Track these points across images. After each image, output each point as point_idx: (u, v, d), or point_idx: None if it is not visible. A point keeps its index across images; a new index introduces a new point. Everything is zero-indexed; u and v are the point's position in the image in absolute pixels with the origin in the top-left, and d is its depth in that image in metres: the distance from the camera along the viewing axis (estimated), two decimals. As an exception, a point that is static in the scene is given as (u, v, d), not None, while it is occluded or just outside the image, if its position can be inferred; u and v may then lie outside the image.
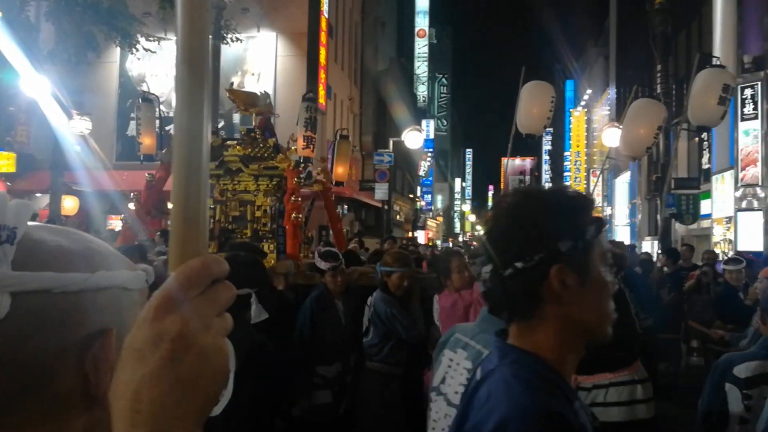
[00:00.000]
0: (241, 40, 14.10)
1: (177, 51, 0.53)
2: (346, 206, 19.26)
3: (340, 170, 6.29)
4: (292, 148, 5.23)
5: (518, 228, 0.97)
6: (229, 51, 15.42)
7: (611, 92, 29.77)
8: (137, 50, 13.19)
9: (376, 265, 4.00)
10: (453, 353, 1.69)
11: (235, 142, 5.10)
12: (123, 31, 12.43)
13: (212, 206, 5.14)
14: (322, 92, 16.78)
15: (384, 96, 25.17)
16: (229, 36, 13.32)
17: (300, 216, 4.75)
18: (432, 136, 38.12)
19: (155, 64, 16.85)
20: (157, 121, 5.75)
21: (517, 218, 0.98)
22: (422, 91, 40.81)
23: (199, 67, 0.53)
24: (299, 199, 4.88)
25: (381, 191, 17.92)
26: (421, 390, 3.71)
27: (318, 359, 3.67)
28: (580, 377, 3.58)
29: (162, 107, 5.87)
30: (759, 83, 13.92)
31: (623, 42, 27.78)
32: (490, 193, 72.28)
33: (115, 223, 14.40)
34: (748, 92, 13.91)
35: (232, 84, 6.39)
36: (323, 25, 16.88)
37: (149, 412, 0.47)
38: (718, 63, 7.15)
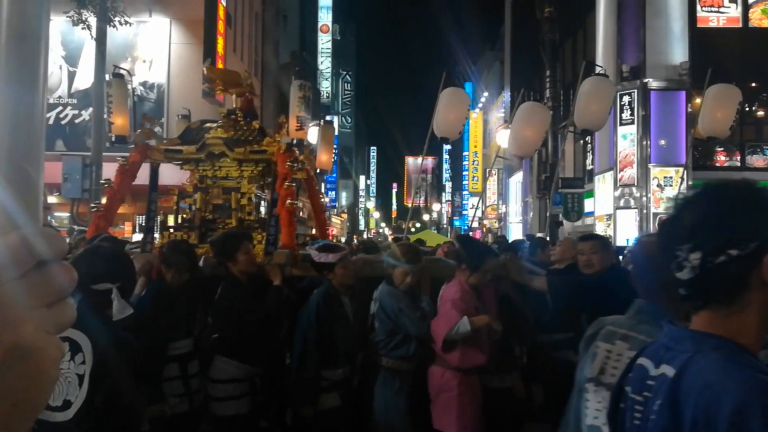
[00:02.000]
0: (130, 24, 13.25)
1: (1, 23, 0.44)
2: (245, 202, 18.74)
3: (324, 158, 5.69)
4: (282, 130, 4.73)
5: (734, 217, 1.00)
6: (117, 35, 14.45)
7: (506, 95, 31.17)
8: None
9: (384, 256, 3.79)
10: (610, 345, 1.72)
11: (215, 124, 4.64)
12: None
13: (190, 194, 4.65)
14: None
15: (286, 90, 24.72)
16: (117, 19, 12.47)
17: (295, 202, 4.35)
18: (336, 133, 37.98)
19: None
20: (130, 100, 5.16)
21: (732, 207, 1.01)
22: (326, 87, 40.61)
23: (33, 41, 0.46)
24: (293, 184, 4.42)
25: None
26: (425, 385, 3.60)
27: (326, 362, 3.38)
28: None
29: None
30: (635, 91, 15.11)
31: (517, 48, 29.17)
32: (394, 191, 73.44)
33: None
34: (626, 99, 15.06)
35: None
36: (221, 13, 16.28)
37: None
38: (602, 72, 7.66)
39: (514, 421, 3.87)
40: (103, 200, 4.83)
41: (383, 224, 70.41)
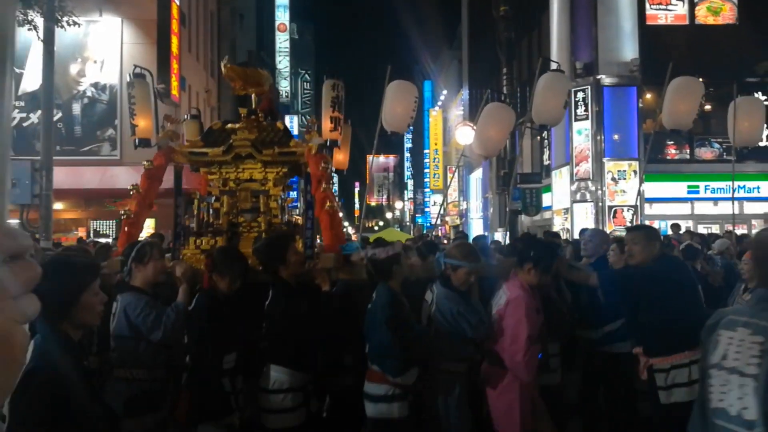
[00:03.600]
0: (79, 24, 12.84)
1: None
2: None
3: (340, 157, 5.34)
4: (312, 131, 4.51)
5: None
6: (66, 36, 14.00)
7: (464, 93, 31.51)
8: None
9: (437, 257, 3.62)
10: (732, 332, 1.82)
11: (238, 125, 4.37)
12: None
13: (215, 198, 4.39)
14: (175, 83, 15.87)
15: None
16: (65, 19, 12.07)
17: (334, 205, 4.16)
18: (296, 132, 37.75)
19: None
20: (153, 100, 4.81)
21: None
22: (285, 86, 40.27)
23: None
24: (329, 186, 4.28)
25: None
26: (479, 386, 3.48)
27: (400, 368, 3.23)
28: (656, 359, 3.51)
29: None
30: (589, 87, 15.49)
31: (474, 47, 29.51)
32: (356, 190, 73.25)
33: None
34: (580, 95, 15.42)
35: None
36: (175, 12, 15.94)
37: None
38: (558, 68, 7.79)
39: (557, 418, 3.81)
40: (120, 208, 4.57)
41: (347, 223, 70.23)
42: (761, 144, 11.71)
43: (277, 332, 3.35)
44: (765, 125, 8.86)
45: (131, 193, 4.31)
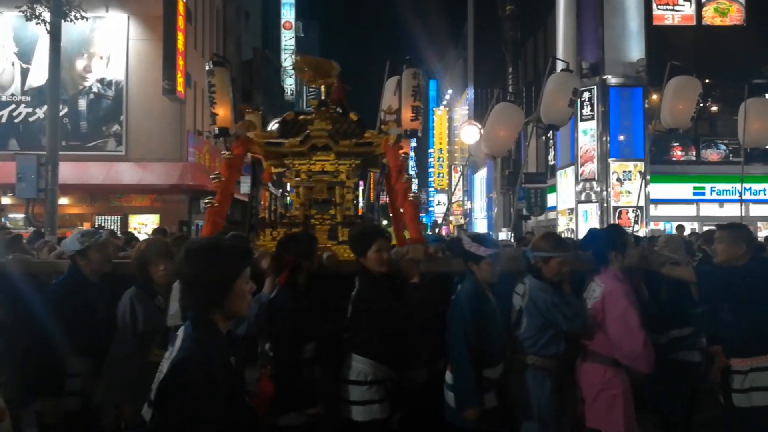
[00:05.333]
0: (86, 19, 12.86)
1: None
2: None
3: (407, 114, 5.04)
4: (390, 121, 4.44)
5: None
6: (73, 31, 14.04)
7: (470, 93, 31.47)
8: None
9: (524, 251, 3.53)
10: None
11: (312, 116, 4.34)
12: None
13: (291, 189, 4.36)
14: (180, 80, 15.87)
15: (248, 87, 24.44)
16: (73, 13, 12.09)
17: (419, 195, 4.12)
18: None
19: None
20: (231, 89, 4.73)
21: None
22: (290, 84, 40.24)
23: None
24: (409, 177, 4.26)
25: (247, 185, 17.31)
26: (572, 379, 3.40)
27: (485, 361, 3.20)
28: (735, 360, 3.39)
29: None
30: (595, 87, 15.44)
31: (480, 46, 29.46)
32: (361, 189, 73.13)
33: None
34: (586, 95, 15.37)
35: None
36: (181, 9, 15.94)
37: None
38: (567, 68, 7.74)
39: None
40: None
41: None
42: (768, 146, 11.63)
43: (361, 323, 3.29)
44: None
45: (214, 181, 4.25)
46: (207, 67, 4.54)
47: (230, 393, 1.82)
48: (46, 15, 11.45)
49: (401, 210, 4.32)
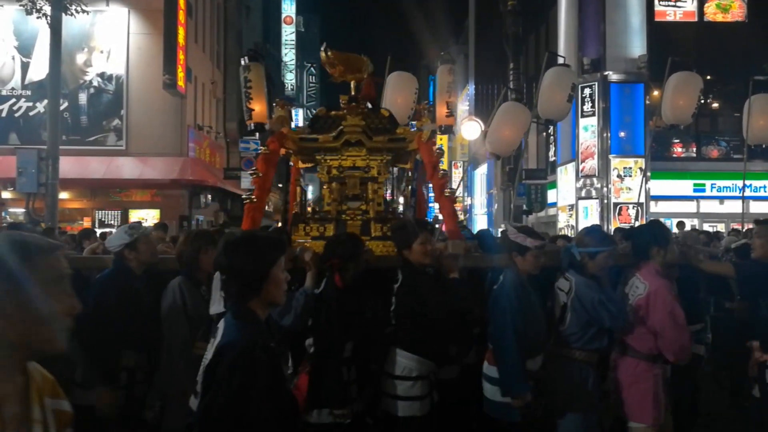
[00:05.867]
0: (87, 12, 12.83)
1: None
2: (209, 196, 18.42)
3: (442, 110, 4.93)
4: (423, 117, 4.47)
5: None
6: (73, 24, 14.02)
7: (470, 88, 31.42)
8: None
9: (569, 248, 3.53)
10: None
11: (343, 112, 4.34)
12: None
13: (323, 184, 4.36)
14: (181, 74, 15.85)
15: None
16: (74, 7, 12.07)
17: (454, 190, 4.19)
18: (301, 125, 37.69)
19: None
20: (266, 84, 4.70)
21: None
22: (290, 79, 40.22)
23: None
24: (446, 172, 4.31)
25: (247, 180, 17.38)
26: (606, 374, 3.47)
27: (527, 352, 3.22)
28: None
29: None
30: (596, 83, 15.42)
31: (481, 41, 29.41)
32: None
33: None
34: (587, 91, 15.35)
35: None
36: (182, 3, 15.91)
37: None
38: (565, 62, 7.74)
39: None
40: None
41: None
42: (769, 143, 11.62)
43: (406, 317, 3.29)
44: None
45: (252, 176, 4.29)
46: (242, 63, 4.51)
47: (273, 377, 1.92)
48: (47, 9, 11.43)
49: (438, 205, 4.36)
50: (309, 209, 4.89)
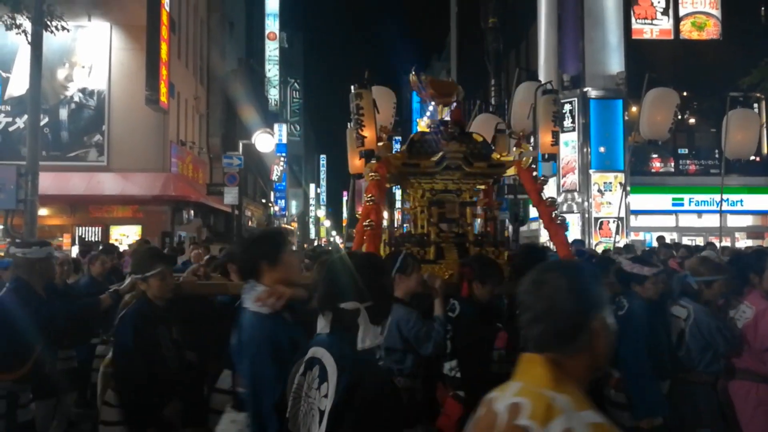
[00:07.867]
0: (68, 29, 12.75)
1: None
2: (192, 212, 18.29)
3: (546, 138, 4.78)
4: (523, 144, 4.58)
5: None
6: (54, 40, 13.89)
7: (453, 104, 31.65)
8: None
9: (683, 277, 3.68)
10: None
11: (438, 136, 4.43)
12: None
13: (419, 209, 4.42)
14: (163, 90, 15.78)
15: (233, 97, 24.38)
16: (54, 23, 11.99)
17: (563, 218, 4.36)
18: (285, 141, 37.67)
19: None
20: (375, 111, 4.66)
21: None
22: (274, 94, 40.22)
23: None
24: (554, 200, 4.50)
25: (230, 195, 17.28)
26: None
27: (660, 376, 3.44)
28: None
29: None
30: (576, 99, 15.66)
31: (463, 58, 29.75)
32: (344, 199, 73.19)
33: None
34: (567, 107, 15.57)
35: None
36: (164, 19, 15.89)
37: None
38: (550, 86, 7.84)
39: None
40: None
41: (334, 232, 70.14)
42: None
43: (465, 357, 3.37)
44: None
45: (368, 204, 4.23)
46: (353, 90, 4.44)
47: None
48: (27, 25, 11.34)
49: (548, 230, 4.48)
50: (409, 231, 4.90)
